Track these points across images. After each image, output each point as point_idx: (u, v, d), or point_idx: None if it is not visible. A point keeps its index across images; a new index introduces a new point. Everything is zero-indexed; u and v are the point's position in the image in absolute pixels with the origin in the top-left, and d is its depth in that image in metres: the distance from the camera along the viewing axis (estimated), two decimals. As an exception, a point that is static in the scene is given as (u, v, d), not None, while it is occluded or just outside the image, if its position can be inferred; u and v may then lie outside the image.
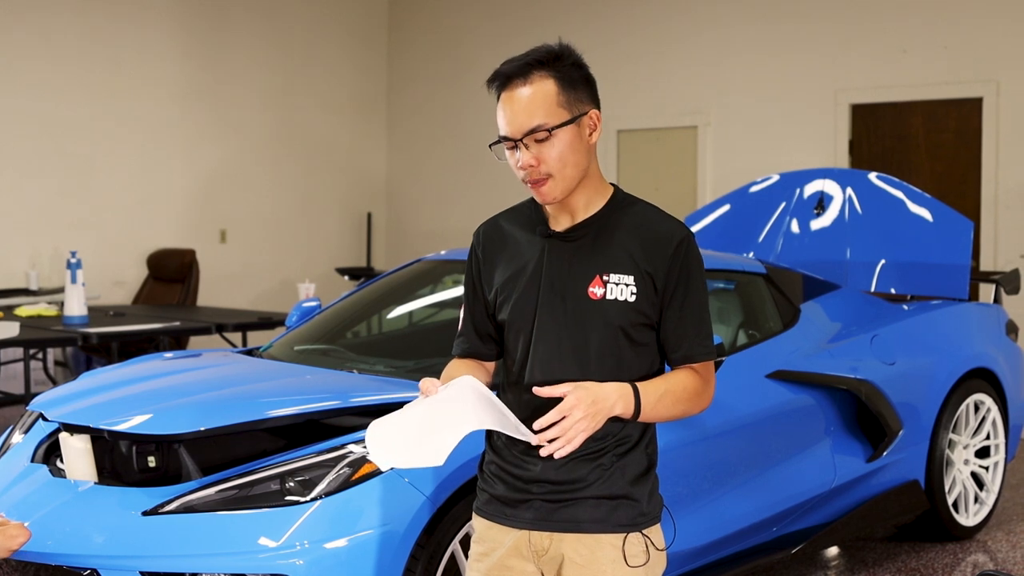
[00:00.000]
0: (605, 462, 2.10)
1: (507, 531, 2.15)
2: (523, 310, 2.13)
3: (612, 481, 2.10)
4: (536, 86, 2.05)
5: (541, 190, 2.08)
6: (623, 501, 2.11)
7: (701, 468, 3.68)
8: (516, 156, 2.08)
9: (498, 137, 2.10)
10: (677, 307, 2.10)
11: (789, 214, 5.35)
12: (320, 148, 9.81)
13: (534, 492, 2.12)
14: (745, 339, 4.24)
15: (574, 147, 2.07)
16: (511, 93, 2.07)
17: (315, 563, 2.84)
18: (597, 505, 2.10)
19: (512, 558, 2.15)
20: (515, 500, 2.14)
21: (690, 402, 2.12)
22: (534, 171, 2.06)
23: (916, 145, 7.49)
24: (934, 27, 7.37)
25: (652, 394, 2.05)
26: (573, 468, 2.10)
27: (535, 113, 2.04)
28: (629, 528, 2.11)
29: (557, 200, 2.10)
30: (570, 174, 2.08)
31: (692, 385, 2.11)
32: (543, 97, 2.05)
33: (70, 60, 8.19)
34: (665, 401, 2.07)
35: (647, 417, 2.06)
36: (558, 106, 2.05)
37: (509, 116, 2.06)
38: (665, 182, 8.48)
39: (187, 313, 7.01)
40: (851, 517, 4.26)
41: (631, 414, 2.03)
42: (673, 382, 2.10)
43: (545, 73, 2.06)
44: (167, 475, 3.18)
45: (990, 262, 7.17)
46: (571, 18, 8.82)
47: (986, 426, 4.89)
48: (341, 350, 4.23)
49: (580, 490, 2.10)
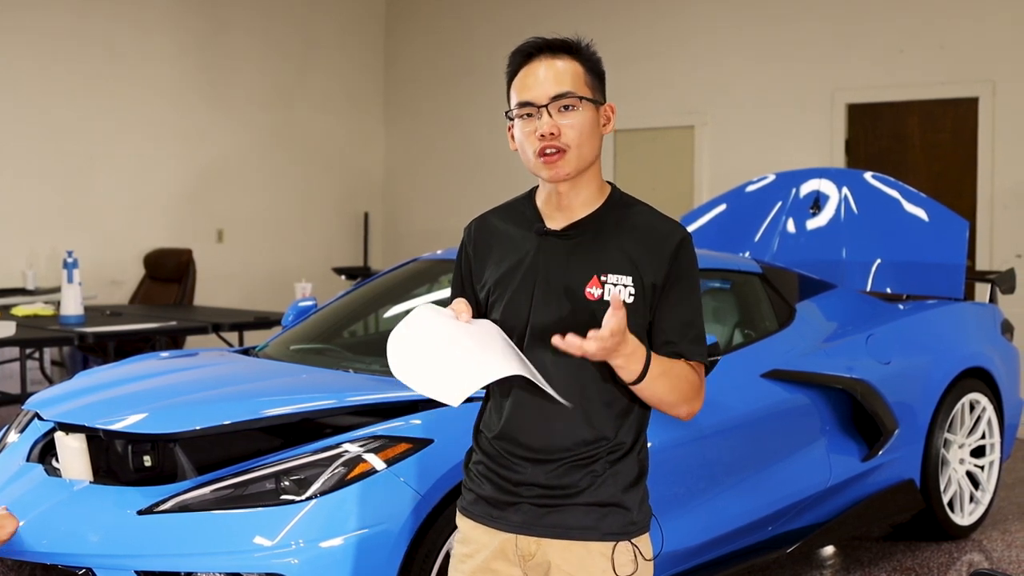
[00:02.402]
0: (597, 468, 2.06)
1: (493, 533, 2.11)
2: (517, 309, 2.08)
3: (604, 488, 2.06)
4: (565, 63, 2.07)
5: (556, 165, 2.04)
6: (614, 509, 2.07)
7: (696, 468, 3.68)
8: (535, 125, 2.05)
9: (515, 106, 2.08)
10: (671, 306, 2.07)
11: (785, 214, 5.35)
12: (317, 148, 9.80)
13: (523, 495, 2.08)
14: (741, 338, 4.25)
15: (592, 130, 2.07)
16: (537, 64, 2.06)
17: (310, 562, 2.84)
18: (587, 512, 2.06)
19: (497, 561, 2.11)
20: (503, 502, 2.10)
21: (683, 395, 2.05)
22: (554, 140, 2.03)
23: (912, 145, 7.49)
24: (930, 27, 7.38)
25: (659, 365, 1.99)
26: (565, 473, 2.06)
27: (564, 82, 2.05)
28: (619, 537, 2.07)
29: (569, 177, 2.06)
30: (585, 154, 2.06)
31: (691, 378, 2.06)
32: (573, 72, 2.06)
33: (67, 60, 8.18)
34: (666, 379, 2.00)
35: (646, 387, 1.99)
36: (585, 84, 2.07)
37: (535, 83, 2.05)
38: (661, 181, 8.49)
39: (184, 313, 7.00)
40: (847, 516, 4.26)
41: (638, 372, 1.95)
42: (676, 368, 2.04)
43: (572, 57, 2.08)
44: (162, 474, 3.18)
45: (986, 262, 7.18)
46: (569, 18, 8.82)
47: (981, 425, 4.89)
48: (337, 349, 4.23)
49: (571, 496, 2.06)
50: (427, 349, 1.91)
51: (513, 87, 2.10)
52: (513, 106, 2.09)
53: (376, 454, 3.02)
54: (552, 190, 2.12)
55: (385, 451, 3.03)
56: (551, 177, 2.07)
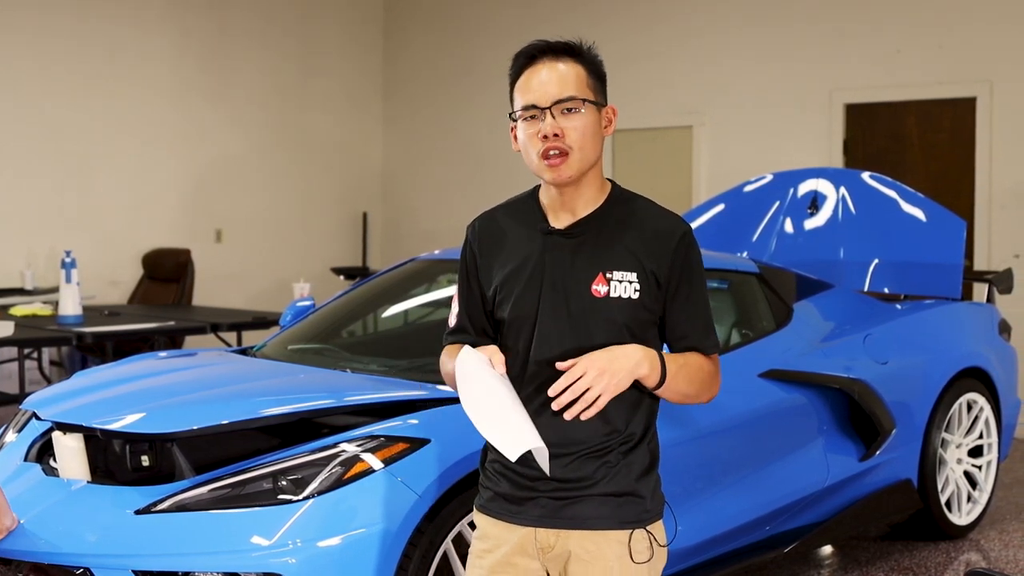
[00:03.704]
0: (611, 459, 2.11)
1: (513, 528, 2.15)
2: (524, 308, 2.12)
3: (618, 478, 2.11)
4: (568, 65, 2.10)
5: (559, 168, 2.08)
6: (629, 498, 2.12)
7: (694, 467, 3.69)
8: (538, 127, 2.07)
9: (518, 109, 2.10)
10: (681, 302, 2.13)
11: (783, 213, 5.36)
12: (316, 147, 9.81)
13: (540, 490, 2.12)
14: (738, 338, 4.25)
15: (594, 131, 2.11)
16: (540, 67, 2.09)
17: (308, 562, 2.84)
18: (603, 502, 2.11)
19: (517, 555, 2.15)
20: (521, 498, 2.14)
21: (703, 384, 2.14)
22: (557, 141, 2.06)
23: (910, 145, 7.50)
24: (928, 27, 7.38)
25: (673, 363, 2.07)
26: (579, 466, 2.11)
27: (567, 85, 2.08)
28: (635, 524, 2.13)
29: (572, 179, 2.09)
30: (588, 155, 2.09)
31: (707, 367, 2.15)
32: (576, 75, 2.10)
33: (66, 60, 8.18)
34: (684, 373, 2.09)
35: (668, 387, 2.07)
36: (587, 87, 2.10)
37: (538, 85, 2.08)
38: (660, 181, 8.49)
39: (182, 313, 7.01)
40: (844, 516, 4.27)
41: (658, 377, 2.04)
42: (690, 359, 2.12)
43: (574, 60, 2.11)
44: (160, 474, 3.18)
45: (984, 262, 7.18)
46: (568, 18, 8.83)
47: (979, 425, 4.90)
48: (335, 349, 4.23)
49: (587, 488, 2.11)
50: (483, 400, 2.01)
51: (516, 89, 2.12)
52: (516, 108, 2.12)
53: (373, 454, 3.02)
54: (556, 190, 2.15)
55: (382, 451, 3.03)
56: (554, 180, 2.10)
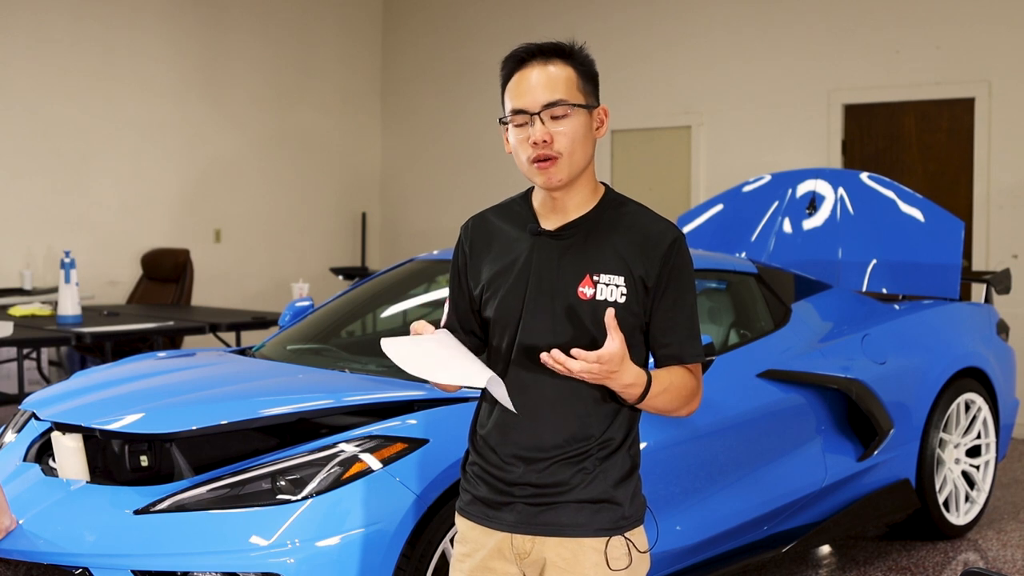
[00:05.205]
0: (588, 466, 2.09)
1: (490, 533, 2.15)
2: (509, 308, 2.11)
3: (595, 485, 2.09)
4: (558, 68, 2.08)
5: (549, 172, 2.07)
6: (605, 505, 2.10)
7: (692, 467, 3.69)
8: (528, 132, 2.07)
9: (508, 113, 2.10)
10: (667, 307, 2.10)
11: (781, 214, 5.36)
12: (315, 148, 9.81)
13: (516, 495, 2.11)
14: (736, 339, 4.26)
15: (585, 134, 2.09)
16: (530, 70, 2.08)
17: (306, 561, 2.85)
18: (579, 509, 2.09)
19: (494, 560, 2.14)
20: (498, 502, 2.13)
21: (683, 402, 2.12)
22: (546, 147, 2.05)
23: (908, 145, 7.50)
24: (926, 28, 7.39)
25: (659, 386, 2.05)
26: (556, 471, 2.09)
27: (556, 89, 2.06)
28: (611, 532, 2.10)
29: (563, 184, 2.08)
30: (578, 160, 2.08)
31: (690, 385, 2.12)
32: (565, 78, 2.08)
33: (64, 60, 8.18)
34: (665, 396, 2.07)
35: (646, 405, 2.06)
36: (577, 90, 2.08)
37: (527, 89, 2.07)
38: (658, 182, 8.49)
39: (181, 313, 7.01)
40: (842, 516, 4.27)
41: (634, 399, 2.03)
42: (676, 380, 2.09)
43: (564, 61, 2.09)
44: (159, 474, 3.19)
45: (982, 262, 7.19)
46: (566, 19, 8.83)
47: (977, 425, 4.91)
48: (333, 349, 4.24)
49: (562, 494, 2.09)
50: (421, 356, 1.99)
51: (507, 93, 2.12)
52: (507, 112, 2.11)
53: (372, 454, 3.03)
54: (547, 193, 2.14)
55: (381, 451, 3.04)
56: (545, 184, 2.10)
